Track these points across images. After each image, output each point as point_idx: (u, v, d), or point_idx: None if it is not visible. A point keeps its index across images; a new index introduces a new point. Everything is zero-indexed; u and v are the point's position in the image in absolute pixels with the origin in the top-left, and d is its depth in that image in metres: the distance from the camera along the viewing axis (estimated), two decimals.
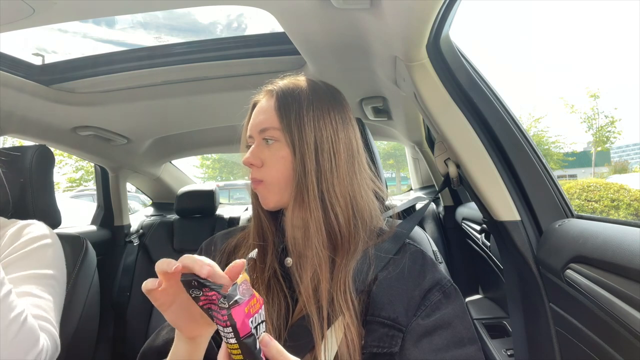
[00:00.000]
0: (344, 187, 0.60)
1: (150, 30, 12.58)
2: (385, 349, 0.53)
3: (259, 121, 0.63)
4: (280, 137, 0.61)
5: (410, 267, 0.59)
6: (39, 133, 1.40)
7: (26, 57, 1.13)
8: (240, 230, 0.72)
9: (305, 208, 0.59)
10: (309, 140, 0.60)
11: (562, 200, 0.79)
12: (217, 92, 1.25)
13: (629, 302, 0.50)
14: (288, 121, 0.60)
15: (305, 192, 0.59)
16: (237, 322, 0.39)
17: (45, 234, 0.80)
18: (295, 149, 0.59)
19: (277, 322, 0.57)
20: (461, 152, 0.81)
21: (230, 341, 0.40)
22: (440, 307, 0.56)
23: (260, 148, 0.63)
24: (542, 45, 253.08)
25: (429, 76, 0.79)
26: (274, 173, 0.61)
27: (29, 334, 0.62)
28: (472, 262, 1.59)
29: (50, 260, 0.78)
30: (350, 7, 0.73)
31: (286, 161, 0.60)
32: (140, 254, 1.92)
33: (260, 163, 0.62)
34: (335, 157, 0.61)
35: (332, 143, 0.61)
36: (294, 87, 0.64)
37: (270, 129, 0.62)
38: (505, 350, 1.06)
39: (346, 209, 0.60)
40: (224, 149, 2.34)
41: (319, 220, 0.58)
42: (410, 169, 2.43)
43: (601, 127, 16.30)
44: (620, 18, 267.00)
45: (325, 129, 0.61)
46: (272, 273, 0.61)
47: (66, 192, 8.70)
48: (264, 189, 0.62)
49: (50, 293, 0.74)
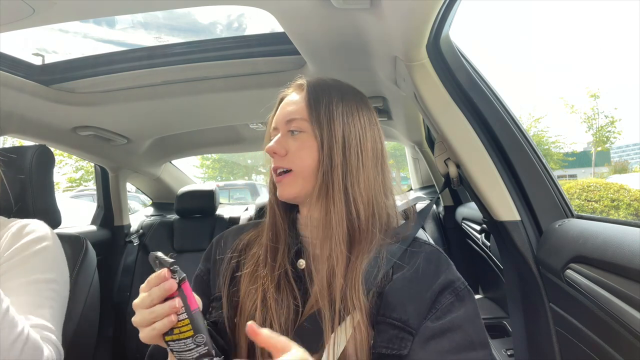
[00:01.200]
0: (368, 185, 0.61)
1: (150, 31, 12.56)
2: (394, 350, 0.53)
3: (287, 112, 0.63)
4: (308, 128, 0.61)
5: (424, 268, 0.58)
6: (39, 133, 1.40)
7: (26, 57, 1.13)
8: (252, 226, 0.71)
9: (329, 201, 0.59)
10: (337, 134, 0.60)
11: (562, 200, 0.78)
12: (217, 92, 1.25)
13: (629, 302, 0.50)
14: (317, 113, 0.60)
15: (330, 185, 0.59)
16: (188, 296, 0.46)
17: (46, 235, 0.79)
18: (324, 141, 0.59)
19: (285, 324, 0.56)
20: (461, 152, 0.81)
21: (181, 317, 0.46)
22: (452, 310, 0.55)
23: (285, 138, 0.62)
24: (542, 45, 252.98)
25: (429, 76, 0.79)
26: (298, 162, 0.61)
27: (33, 349, 0.62)
28: (472, 262, 1.59)
29: (51, 263, 0.77)
30: (350, 7, 0.73)
31: (312, 152, 0.60)
32: (140, 254, 1.92)
33: (285, 152, 0.62)
34: (362, 154, 0.61)
35: (360, 140, 0.61)
36: (324, 83, 0.65)
37: (298, 119, 0.61)
38: (505, 350, 1.06)
39: (368, 207, 0.60)
40: (224, 149, 2.34)
41: (341, 214, 0.58)
42: (410, 169, 2.43)
43: (601, 127, 16.30)
44: (621, 18, 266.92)
45: (354, 125, 0.61)
46: (283, 273, 0.60)
47: (66, 192, 8.70)
48: (287, 180, 0.61)
49: (53, 298, 0.74)
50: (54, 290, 0.75)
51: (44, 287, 0.73)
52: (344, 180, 0.59)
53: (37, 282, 0.72)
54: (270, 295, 0.58)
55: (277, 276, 0.59)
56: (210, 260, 0.69)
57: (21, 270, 0.72)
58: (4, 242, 0.75)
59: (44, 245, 0.77)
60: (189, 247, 1.92)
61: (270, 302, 0.57)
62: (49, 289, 0.74)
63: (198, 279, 0.69)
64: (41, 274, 0.74)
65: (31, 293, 0.71)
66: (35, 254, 0.75)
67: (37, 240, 0.77)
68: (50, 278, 0.75)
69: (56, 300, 0.75)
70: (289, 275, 0.60)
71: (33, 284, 0.72)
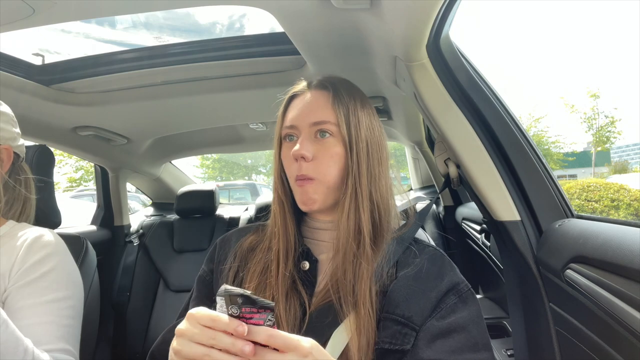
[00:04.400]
0: (385, 190, 0.61)
1: (153, 31, 12.61)
2: (397, 346, 0.53)
3: (313, 113, 0.60)
4: (336, 132, 0.59)
5: (428, 268, 0.58)
6: (39, 133, 1.40)
7: (26, 57, 1.13)
8: (256, 227, 0.70)
9: (359, 208, 0.58)
10: (362, 139, 0.59)
11: (562, 200, 0.78)
12: (217, 92, 1.25)
13: (629, 302, 0.50)
14: (347, 118, 0.59)
15: (360, 192, 0.58)
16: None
17: (58, 250, 0.77)
18: (352, 146, 0.58)
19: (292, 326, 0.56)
20: (461, 152, 0.81)
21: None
22: (456, 310, 0.55)
23: (310, 142, 0.59)
24: (542, 45, 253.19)
25: (429, 76, 0.79)
26: (324, 170, 0.58)
27: None
28: (472, 262, 1.59)
29: (66, 279, 0.75)
30: (350, 7, 0.73)
31: (339, 159, 0.59)
32: (140, 254, 1.92)
33: (312, 157, 0.59)
34: (382, 160, 0.61)
35: (380, 145, 0.61)
36: (346, 84, 0.64)
37: (327, 122, 0.59)
38: (505, 350, 1.06)
39: (386, 210, 0.61)
40: (224, 149, 2.34)
41: (367, 220, 0.58)
42: (410, 169, 2.43)
43: (601, 127, 16.30)
44: (621, 18, 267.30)
45: (374, 129, 0.61)
46: (290, 276, 0.59)
47: (66, 192, 8.70)
48: (310, 188, 0.59)
49: (71, 316, 0.73)
50: (71, 307, 0.74)
51: (62, 304, 0.72)
52: (369, 186, 0.59)
53: (54, 300, 0.71)
54: (278, 299, 0.58)
55: (285, 280, 0.59)
56: (213, 261, 0.69)
57: (37, 289, 0.70)
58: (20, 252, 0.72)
59: (58, 262, 0.75)
60: (189, 247, 1.92)
61: (279, 305, 0.57)
62: (67, 307, 0.73)
63: (201, 280, 0.69)
64: (58, 291, 0.72)
65: (49, 313, 0.70)
66: (51, 273, 0.73)
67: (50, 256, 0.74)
68: (68, 295, 0.74)
69: (74, 317, 0.74)
70: (295, 278, 0.59)
71: (50, 303, 0.70)
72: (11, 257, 0.72)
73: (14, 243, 0.74)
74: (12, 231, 0.77)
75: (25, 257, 0.72)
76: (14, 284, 0.70)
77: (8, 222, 0.79)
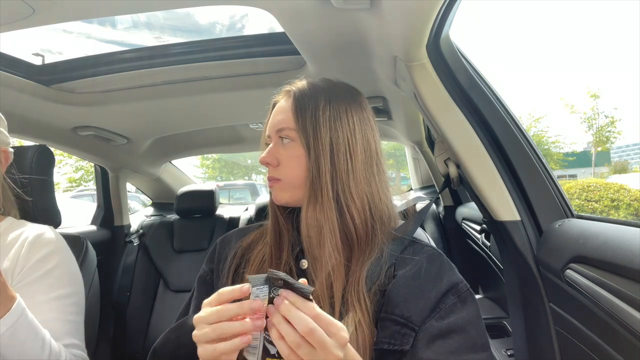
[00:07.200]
0: (361, 189, 0.61)
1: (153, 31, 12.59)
2: (396, 346, 0.53)
3: (276, 121, 0.64)
4: (296, 137, 0.62)
5: (427, 268, 0.58)
6: (39, 133, 1.41)
7: (26, 57, 1.13)
8: (256, 227, 0.72)
9: (319, 209, 0.59)
10: (324, 140, 0.60)
11: (562, 200, 0.78)
12: (217, 92, 1.25)
13: (629, 302, 0.50)
14: (304, 121, 0.61)
15: (319, 193, 0.59)
16: None
17: (60, 247, 0.78)
18: (310, 149, 0.60)
19: None
20: (461, 152, 0.81)
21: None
22: (455, 310, 0.55)
23: (276, 147, 0.64)
24: (542, 45, 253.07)
25: (429, 76, 0.79)
26: (289, 172, 0.62)
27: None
28: (472, 262, 1.59)
29: (69, 276, 0.77)
30: (350, 7, 0.73)
31: (301, 161, 0.61)
32: (140, 254, 1.92)
33: (276, 162, 0.63)
34: (352, 158, 0.61)
35: (349, 144, 0.61)
36: (311, 88, 0.65)
37: (286, 129, 0.62)
38: (505, 350, 1.06)
39: (363, 211, 0.60)
40: (224, 149, 2.34)
41: (333, 222, 0.58)
42: (410, 169, 2.43)
43: (601, 127, 16.31)
44: (621, 18, 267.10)
45: (342, 129, 0.61)
46: (288, 271, 0.60)
47: (66, 192, 8.70)
48: (278, 187, 0.63)
49: (76, 312, 0.75)
50: (76, 303, 0.76)
51: (67, 301, 0.74)
52: (333, 187, 0.59)
53: (59, 297, 0.72)
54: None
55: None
56: (214, 261, 0.69)
57: (42, 286, 0.71)
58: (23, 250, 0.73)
59: (61, 260, 0.76)
60: (188, 247, 1.92)
61: None
62: (71, 303, 0.74)
63: (201, 280, 0.69)
64: (62, 288, 0.74)
65: (56, 310, 0.71)
66: (54, 270, 0.74)
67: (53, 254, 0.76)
68: (72, 292, 0.75)
69: (78, 313, 0.76)
70: (293, 274, 0.60)
71: (56, 300, 0.72)
72: (13, 254, 0.72)
73: (15, 240, 0.75)
74: (12, 227, 0.78)
75: (28, 255, 0.73)
76: (19, 282, 0.70)
77: (7, 218, 0.80)
